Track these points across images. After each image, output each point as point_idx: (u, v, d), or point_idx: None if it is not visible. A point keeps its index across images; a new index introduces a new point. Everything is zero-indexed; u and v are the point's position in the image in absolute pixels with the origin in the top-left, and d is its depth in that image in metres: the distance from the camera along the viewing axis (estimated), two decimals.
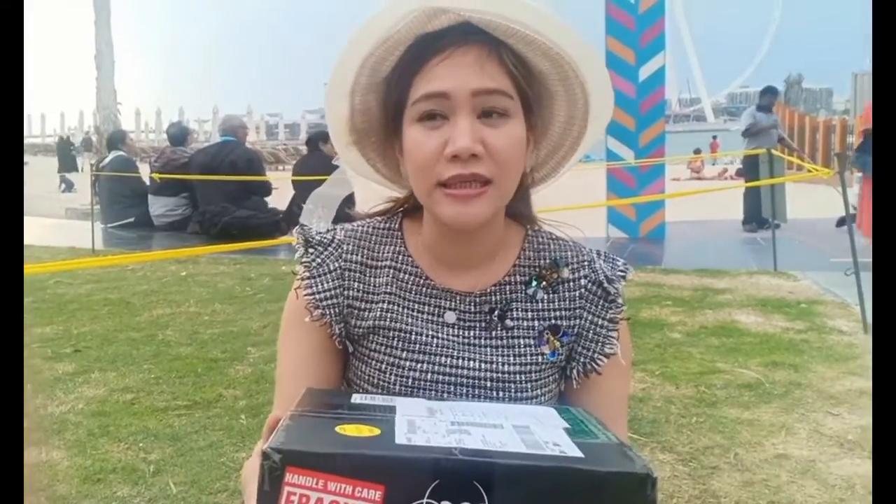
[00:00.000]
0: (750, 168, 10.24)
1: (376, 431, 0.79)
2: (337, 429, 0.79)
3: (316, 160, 9.36)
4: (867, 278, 4.64)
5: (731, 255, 8.82)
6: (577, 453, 0.79)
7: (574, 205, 5.19)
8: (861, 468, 3.06)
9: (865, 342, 4.75)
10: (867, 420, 3.49)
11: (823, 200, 10.48)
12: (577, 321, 1.16)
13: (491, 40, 1.04)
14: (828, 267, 7.01)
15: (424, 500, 0.71)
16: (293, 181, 9.78)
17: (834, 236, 9.03)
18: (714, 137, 38.15)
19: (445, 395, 1.11)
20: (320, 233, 1.19)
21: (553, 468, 0.75)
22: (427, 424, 0.84)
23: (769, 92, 11.41)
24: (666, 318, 5.46)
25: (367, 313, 1.15)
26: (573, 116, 1.16)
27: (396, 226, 1.21)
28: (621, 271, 1.17)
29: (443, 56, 1.03)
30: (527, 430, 0.85)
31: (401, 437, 0.78)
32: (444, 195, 1.05)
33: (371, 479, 0.71)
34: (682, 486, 2.97)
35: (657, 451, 3.25)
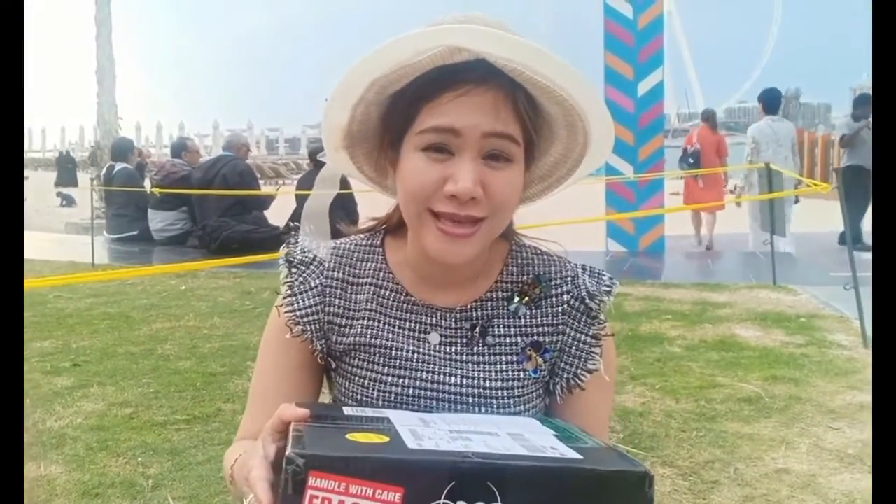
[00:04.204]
0: (852, 181, 7.89)
1: (385, 439, 0.81)
2: (347, 436, 0.81)
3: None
4: (867, 292, 4.64)
5: (730, 270, 8.82)
6: (576, 455, 0.82)
7: (573, 219, 5.21)
8: (861, 482, 3.04)
9: (865, 356, 4.74)
10: (867, 434, 3.48)
11: (822, 215, 10.50)
12: (560, 337, 1.15)
13: (509, 82, 1.04)
14: (827, 281, 7.01)
15: (441, 501, 0.73)
16: (296, 195, 9.81)
17: (833, 250, 9.04)
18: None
19: (428, 410, 1.11)
20: (303, 251, 1.20)
21: (560, 468, 0.79)
22: (428, 433, 0.86)
23: (866, 101, 9.94)
24: (666, 333, 5.45)
25: (347, 329, 1.16)
26: (567, 157, 1.16)
27: (378, 242, 1.21)
28: (607, 286, 1.17)
29: (459, 92, 1.02)
30: (522, 437, 0.88)
31: (412, 444, 0.80)
32: (434, 227, 1.05)
33: (391, 481, 0.73)
34: (683, 500, 2.96)
35: (657, 466, 3.24)
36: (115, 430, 3.69)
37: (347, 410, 1.00)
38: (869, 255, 5.67)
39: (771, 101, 9.26)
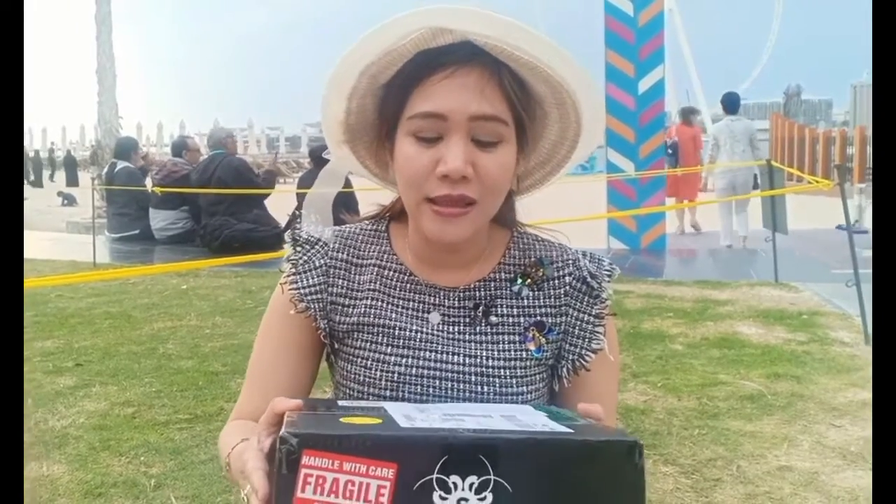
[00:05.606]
0: None
1: (378, 420, 0.83)
2: (342, 420, 0.83)
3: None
4: (869, 289, 4.64)
5: (731, 267, 8.82)
6: (567, 430, 0.84)
7: (575, 217, 5.21)
8: (864, 480, 3.04)
9: (867, 353, 4.73)
10: (870, 431, 3.47)
11: (823, 211, 10.50)
12: (563, 318, 1.17)
13: (493, 62, 1.06)
14: (829, 278, 7.00)
15: (434, 476, 0.74)
16: (297, 194, 9.81)
17: (835, 247, 9.03)
18: None
19: (430, 389, 1.12)
20: (309, 232, 1.22)
21: (551, 440, 0.81)
22: (421, 416, 0.87)
23: None
24: (667, 330, 5.45)
25: (350, 310, 1.17)
26: (564, 136, 1.18)
27: (383, 228, 1.23)
28: (607, 270, 1.20)
29: (445, 73, 1.05)
30: (514, 419, 0.89)
31: (404, 424, 0.82)
32: (430, 210, 1.07)
33: (385, 458, 0.74)
34: (685, 498, 2.96)
35: (659, 464, 3.24)
36: (118, 429, 3.70)
37: (342, 403, 1.01)
38: (870, 252, 5.63)
39: (730, 104, 10.52)
